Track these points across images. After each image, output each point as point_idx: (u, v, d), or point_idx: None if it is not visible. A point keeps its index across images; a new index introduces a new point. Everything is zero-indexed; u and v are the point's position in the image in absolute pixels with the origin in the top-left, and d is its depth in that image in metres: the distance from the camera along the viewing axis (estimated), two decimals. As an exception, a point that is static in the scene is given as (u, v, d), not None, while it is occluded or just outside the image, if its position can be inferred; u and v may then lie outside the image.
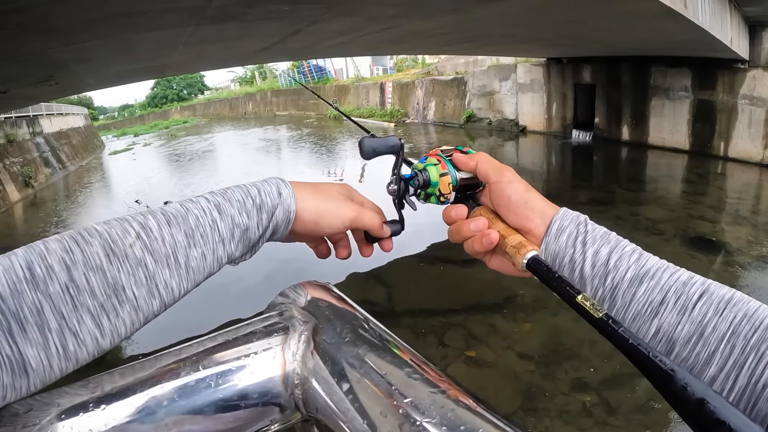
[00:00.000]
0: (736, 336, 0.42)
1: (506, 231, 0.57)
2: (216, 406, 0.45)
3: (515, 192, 0.58)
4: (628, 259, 0.51)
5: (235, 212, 0.51)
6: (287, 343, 0.49)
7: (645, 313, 0.47)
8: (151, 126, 41.87)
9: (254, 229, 0.52)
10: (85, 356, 0.42)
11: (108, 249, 0.43)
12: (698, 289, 0.46)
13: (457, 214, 0.62)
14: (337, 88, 27.67)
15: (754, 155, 9.52)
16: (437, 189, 0.62)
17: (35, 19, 3.33)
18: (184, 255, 0.47)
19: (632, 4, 5.00)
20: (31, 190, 14.37)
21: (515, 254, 0.54)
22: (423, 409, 0.38)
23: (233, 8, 4.04)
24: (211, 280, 0.51)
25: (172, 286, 0.46)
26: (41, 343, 0.39)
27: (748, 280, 5.05)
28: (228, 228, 0.50)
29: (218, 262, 0.50)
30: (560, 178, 10.97)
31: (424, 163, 0.64)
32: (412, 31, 6.95)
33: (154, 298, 0.45)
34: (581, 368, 3.72)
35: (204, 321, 4.18)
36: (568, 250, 0.54)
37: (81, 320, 0.41)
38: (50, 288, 0.40)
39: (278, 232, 0.55)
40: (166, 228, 0.46)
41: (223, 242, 0.50)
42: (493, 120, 16.51)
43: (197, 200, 0.51)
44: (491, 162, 0.62)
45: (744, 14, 8.61)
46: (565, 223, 0.56)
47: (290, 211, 0.54)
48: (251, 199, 0.53)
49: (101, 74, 7.60)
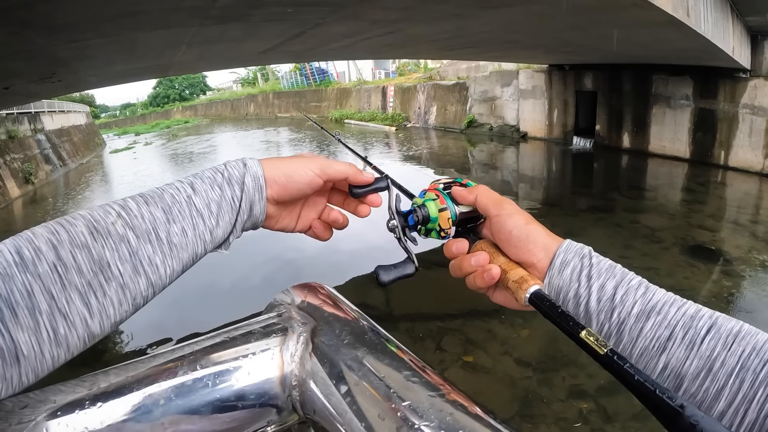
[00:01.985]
0: (745, 370, 0.41)
1: (508, 265, 0.56)
2: (213, 406, 0.45)
3: (516, 225, 0.57)
4: (635, 294, 0.50)
5: (208, 187, 0.53)
6: (285, 345, 0.49)
7: (652, 349, 0.47)
8: (152, 125, 41.93)
9: (229, 202, 0.53)
10: (76, 341, 0.42)
11: (92, 228, 0.44)
12: (706, 323, 0.45)
13: (457, 249, 0.61)
14: (339, 91, 27.70)
15: (754, 164, 9.54)
16: (437, 224, 0.61)
17: (40, 16, 3.33)
18: (165, 231, 0.48)
19: (635, 12, 5.00)
20: (31, 186, 14.38)
21: (517, 289, 0.53)
22: (421, 412, 0.38)
23: (237, 9, 4.04)
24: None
25: (156, 262, 0.47)
26: (32, 327, 0.39)
27: (746, 289, 5.03)
28: (204, 203, 0.52)
29: (201, 239, 0.51)
30: (560, 185, 10.98)
31: (423, 198, 0.63)
32: (414, 36, 6.95)
33: (140, 275, 0.46)
34: (578, 375, 3.71)
35: (202, 321, 4.19)
36: (573, 285, 0.53)
37: (70, 300, 0.41)
38: (39, 268, 0.40)
39: (255, 202, 0.55)
40: (144, 206, 0.48)
41: (202, 217, 0.51)
42: (494, 125, 16.53)
43: (172, 182, 0.53)
44: (491, 195, 0.60)
45: (746, 24, 8.64)
46: (569, 257, 0.54)
47: (258, 176, 0.55)
48: (220, 174, 0.54)
49: (104, 72, 7.61)
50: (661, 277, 5.12)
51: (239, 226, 0.55)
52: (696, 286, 5.08)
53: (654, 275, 5.16)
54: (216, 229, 0.52)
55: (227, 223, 0.53)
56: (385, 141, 18.23)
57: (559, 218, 7.73)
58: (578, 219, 7.76)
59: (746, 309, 4.57)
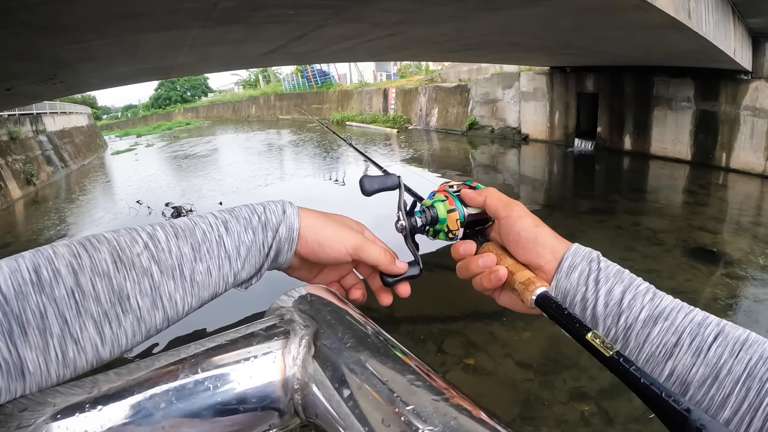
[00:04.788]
0: (752, 378, 0.41)
1: (515, 267, 0.56)
2: (214, 409, 0.44)
3: (525, 227, 0.57)
4: (642, 299, 0.49)
5: (242, 229, 0.52)
6: (287, 347, 0.48)
7: (659, 355, 0.47)
8: (153, 127, 42.01)
9: (259, 247, 0.53)
10: (83, 364, 0.42)
11: (116, 256, 0.43)
12: (713, 330, 0.45)
13: (465, 251, 0.61)
14: (340, 93, 27.74)
15: (756, 166, 9.54)
16: (445, 225, 0.61)
17: (41, 18, 3.33)
18: (190, 268, 0.47)
19: (636, 14, 5.00)
20: (32, 187, 14.39)
21: (524, 291, 0.53)
22: (425, 417, 0.38)
23: (238, 11, 4.04)
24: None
25: (176, 299, 0.46)
26: (41, 348, 0.39)
27: (748, 292, 5.03)
28: (234, 245, 0.51)
29: (224, 280, 0.51)
30: (562, 187, 10.98)
31: (432, 200, 0.63)
32: (416, 38, 6.96)
33: (158, 309, 0.45)
34: (580, 377, 3.71)
35: (203, 323, 4.18)
36: (580, 288, 0.53)
37: (83, 327, 0.41)
38: (56, 292, 0.40)
39: (282, 252, 0.55)
40: (174, 240, 0.47)
41: (229, 259, 0.50)
42: (496, 128, 16.55)
43: (205, 216, 0.51)
44: (500, 197, 0.60)
45: (747, 25, 8.64)
46: (577, 260, 0.54)
47: (293, 229, 0.54)
48: (257, 216, 0.53)
49: (105, 74, 7.62)
50: (662, 279, 5.12)
51: (264, 271, 0.55)
52: (697, 288, 5.07)
53: (655, 277, 5.16)
54: (241, 272, 0.52)
55: (252, 267, 0.53)
56: (386, 143, 18.25)
57: (560, 220, 7.72)
58: (579, 221, 7.76)
59: (748, 311, 4.56)
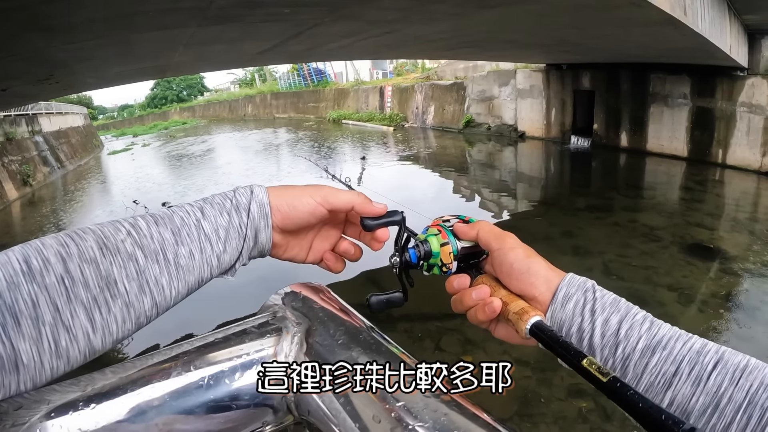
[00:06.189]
0: (753, 406, 0.41)
1: (509, 298, 0.56)
2: (207, 407, 0.44)
3: (517, 259, 0.57)
4: (639, 328, 0.49)
5: (217, 213, 0.53)
6: (280, 345, 0.49)
7: (658, 385, 0.46)
8: (150, 127, 41.85)
9: (237, 228, 0.54)
10: (76, 354, 0.42)
11: (101, 243, 0.45)
12: (713, 358, 0.45)
13: (459, 284, 0.61)
14: (336, 92, 27.69)
15: (752, 163, 9.56)
16: (439, 259, 0.61)
17: (37, 18, 3.32)
18: (173, 252, 0.48)
19: (633, 11, 5.00)
20: (29, 188, 14.35)
21: (518, 321, 0.53)
22: (416, 413, 0.38)
23: (234, 10, 4.04)
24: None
25: (163, 283, 0.47)
26: (34, 337, 0.39)
27: (745, 287, 5.04)
28: (212, 228, 0.52)
29: (207, 263, 0.51)
30: (559, 185, 10.98)
31: (426, 234, 0.63)
32: (412, 36, 6.96)
33: (145, 294, 0.46)
34: (577, 375, 3.71)
35: (196, 321, 4.17)
36: (576, 319, 0.52)
37: (74, 313, 0.42)
38: (46, 279, 0.41)
39: (260, 229, 0.55)
40: (154, 227, 0.49)
41: (210, 241, 0.51)
42: (492, 125, 16.53)
43: (182, 205, 0.53)
44: (492, 229, 0.60)
45: (743, 22, 8.65)
46: (572, 290, 0.54)
47: (264, 204, 0.55)
48: (229, 201, 0.54)
49: (101, 74, 7.61)
50: (659, 276, 5.13)
51: (246, 254, 0.55)
52: (694, 285, 5.08)
53: (653, 274, 5.17)
54: (223, 254, 0.53)
55: (234, 249, 0.54)
56: (383, 141, 18.22)
57: (557, 218, 7.72)
58: (576, 218, 7.76)
59: (745, 307, 4.56)
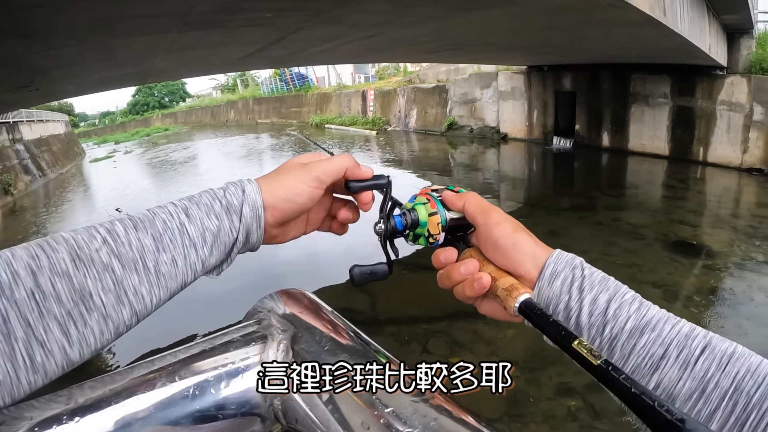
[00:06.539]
0: (739, 392, 0.41)
1: (498, 273, 0.54)
2: (193, 417, 0.44)
3: (503, 234, 0.54)
4: (628, 308, 0.48)
5: (204, 215, 0.50)
6: (265, 353, 0.48)
7: (645, 367, 0.45)
8: (132, 134, 41.47)
9: (227, 233, 0.51)
10: (54, 368, 0.41)
11: (74, 255, 0.42)
12: (700, 342, 0.44)
13: (446, 258, 0.58)
14: (319, 96, 27.65)
15: (733, 160, 9.72)
16: (426, 229, 0.58)
17: (17, 23, 3.27)
18: (153, 260, 0.46)
19: (612, 12, 5.06)
20: (10, 197, 14.12)
21: (506, 297, 0.51)
22: (405, 418, 0.38)
23: (216, 15, 4.01)
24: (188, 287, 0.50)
25: (142, 292, 0.45)
26: (7, 354, 0.38)
27: (729, 283, 5.11)
28: (198, 232, 0.49)
29: (191, 268, 0.48)
30: (542, 185, 11.06)
31: (413, 203, 0.60)
32: (395, 39, 6.98)
33: (123, 305, 0.44)
34: (566, 373, 3.73)
35: (179, 330, 4.14)
36: (563, 297, 0.50)
37: (48, 328, 0.40)
38: (16, 294, 0.39)
39: (252, 231, 0.53)
40: (133, 232, 0.46)
41: (195, 247, 0.48)
42: (475, 127, 16.61)
43: (165, 205, 0.49)
44: (479, 202, 0.58)
45: (722, 22, 8.81)
46: (560, 267, 0.52)
47: (257, 206, 0.52)
48: (218, 201, 0.51)
49: (82, 80, 7.52)
50: (644, 273, 5.17)
51: (234, 255, 0.53)
52: (679, 281, 5.14)
53: (637, 272, 5.21)
54: (209, 258, 0.50)
55: (222, 253, 0.51)
56: (366, 145, 18.23)
57: (541, 218, 7.77)
58: (560, 218, 7.82)
59: (729, 302, 4.61)
